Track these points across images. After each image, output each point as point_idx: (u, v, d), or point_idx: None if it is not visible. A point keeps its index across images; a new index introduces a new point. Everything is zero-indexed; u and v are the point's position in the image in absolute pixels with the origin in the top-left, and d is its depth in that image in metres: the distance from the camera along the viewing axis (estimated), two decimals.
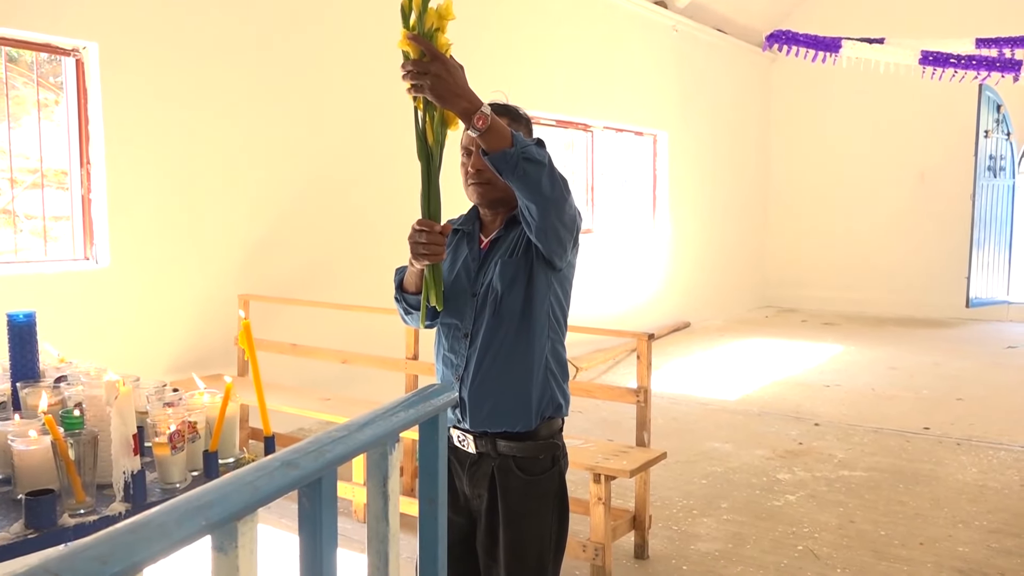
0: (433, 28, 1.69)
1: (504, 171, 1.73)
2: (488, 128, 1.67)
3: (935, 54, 6.81)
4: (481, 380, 1.99)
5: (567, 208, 1.85)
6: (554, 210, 1.82)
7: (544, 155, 1.77)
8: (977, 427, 5.60)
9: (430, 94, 1.66)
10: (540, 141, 1.81)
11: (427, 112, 1.77)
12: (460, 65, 1.69)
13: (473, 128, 1.67)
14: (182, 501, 0.86)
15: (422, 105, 1.76)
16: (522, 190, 1.78)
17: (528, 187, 1.76)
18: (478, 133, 1.67)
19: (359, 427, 1.19)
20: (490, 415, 1.99)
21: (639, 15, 8.70)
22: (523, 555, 1.98)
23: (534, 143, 1.78)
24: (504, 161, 1.71)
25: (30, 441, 1.66)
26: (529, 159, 1.72)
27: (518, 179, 1.74)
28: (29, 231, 4.62)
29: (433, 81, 1.64)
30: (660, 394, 6.40)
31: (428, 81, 1.64)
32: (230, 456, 1.89)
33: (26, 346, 2.09)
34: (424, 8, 1.69)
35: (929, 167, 10.46)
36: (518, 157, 1.71)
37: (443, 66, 1.64)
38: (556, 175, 1.80)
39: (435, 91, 1.65)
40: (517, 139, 1.72)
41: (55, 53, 4.39)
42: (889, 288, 10.80)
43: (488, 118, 1.66)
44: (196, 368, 4.70)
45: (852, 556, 3.58)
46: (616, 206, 8.88)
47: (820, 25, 8.79)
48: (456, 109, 1.67)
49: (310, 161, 5.51)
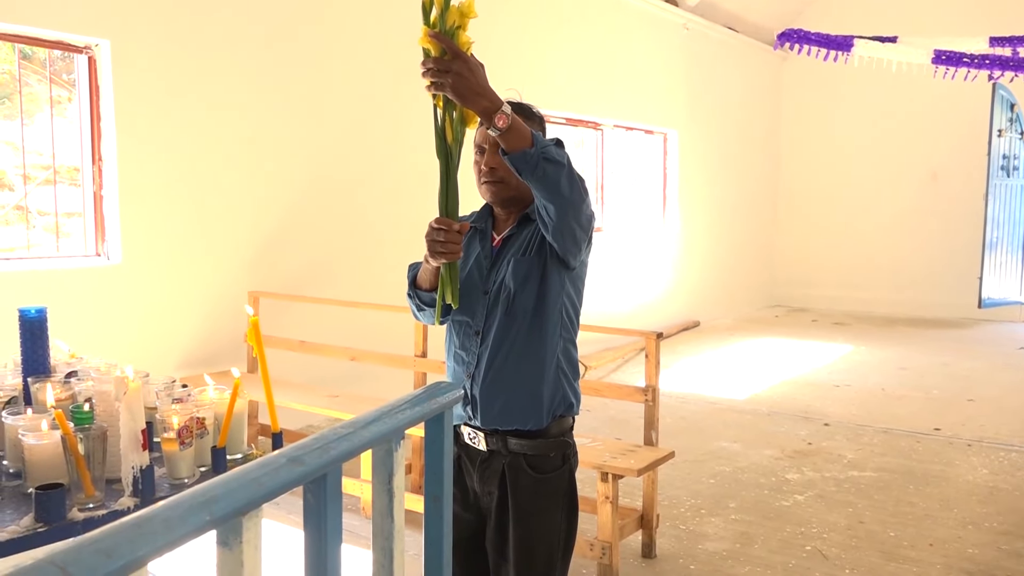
0: (455, 26, 1.69)
1: (524, 171, 1.73)
2: (509, 128, 1.67)
3: (948, 53, 6.75)
4: (492, 378, 1.99)
5: (584, 209, 1.85)
6: (572, 211, 1.82)
7: (563, 155, 1.77)
8: (988, 428, 5.56)
9: (451, 92, 1.65)
10: (559, 141, 1.80)
11: (447, 110, 1.76)
12: (481, 64, 1.69)
13: (493, 127, 1.66)
14: (187, 496, 0.87)
15: (442, 103, 1.75)
16: (541, 190, 1.77)
17: (547, 187, 1.76)
18: (499, 132, 1.67)
19: (364, 424, 1.19)
20: (501, 413, 1.99)
21: (649, 13, 8.68)
22: (533, 553, 1.98)
23: (553, 143, 1.78)
24: (524, 161, 1.71)
25: (41, 435, 1.68)
26: (549, 159, 1.72)
27: (537, 180, 1.74)
28: (42, 227, 4.66)
29: (455, 79, 1.63)
30: (669, 393, 6.39)
31: (449, 79, 1.63)
32: (238, 452, 1.90)
33: (37, 341, 2.10)
34: (446, 5, 1.68)
35: (941, 166, 10.40)
36: (538, 157, 1.71)
37: (465, 64, 1.64)
38: (575, 176, 1.80)
39: (456, 90, 1.65)
40: (537, 139, 1.72)
41: (68, 50, 4.42)
42: (900, 288, 10.74)
43: (509, 118, 1.66)
44: (206, 364, 4.72)
45: (861, 557, 3.57)
46: (626, 205, 8.87)
47: (831, 23, 8.75)
48: (477, 108, 1.67)
49: (320, 158, 5.53)
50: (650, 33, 8.76)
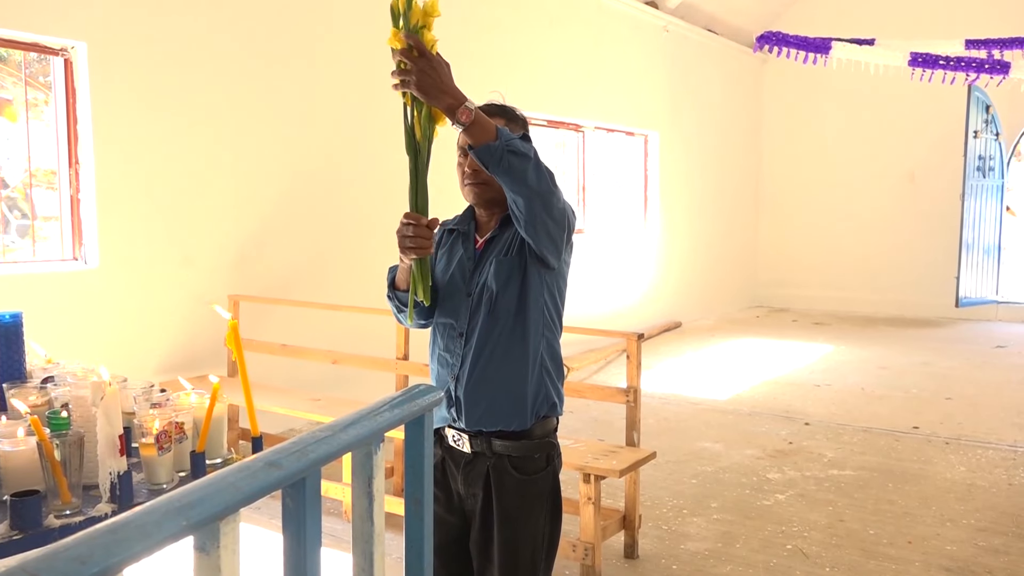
0: (419, 25, 1.71)
1: (489, 164, 1.75)
2: (472, 123, 1.70)
3: (924, 56, 6.83)
4: (477, 379, 1.99)
5: (555, 201, 1.86)
6: (540, 202, 1.83)
7: (529, 148, 1.79)
8: (966, 426, 5.63)
9: (415, 89, 1.69)
10: (525, 136, 1.82)
11: (414, 108, 1.79)
12: (446, 62, 1.71)
13: (457, 123, 1.71)
14: (163, 501, 0.86)
15: (410, 100, 1.78)
16: (508, 183, 1.80)
17: (513, 179, 1.78)
18: (462, 128, 1.71)
19: (343, 427, 1.19)
20: (485, 414, 1.99)
21: (630, 15, 8.72)
22: (517, 555, 1.99)
23: (518, 137, 1.80)
24: (488, 154, 1.74)
25: (16, 442, 1.66)
26: (514, 152, 1.75)
27: (503, 172, 1.76)
28: (17, 231, 4.60)
29: (419, 77, 1.67)
30: (650, 394, 6.41)
31: (413, 77, 1.68)
32: (218, 457, 1.88)
33: (12, 346, 2.08)
34: (409, 5, 1.70)
35: (919, 167, 10.51)
36: (502, 150, 1.73)
37: (428, 62, 1.68)
38: (542, 168, 1.81)
39: (420, 87, 1.69)
40: (501, 133, 1.75)
41: (44, 53, 4.37)
42: (879, 288, 10.85)
43: (472, 112, 1.70)
44: (185, 369, 4.69)
45: (841, 555, 3.60)
46: (607, 206, 8.89)
47: (810, 26, 8.82)
48: (441, 105, 1.71)
49: (299, 160, 5.50)
50: (630, 35, 8.79)
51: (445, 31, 1.74)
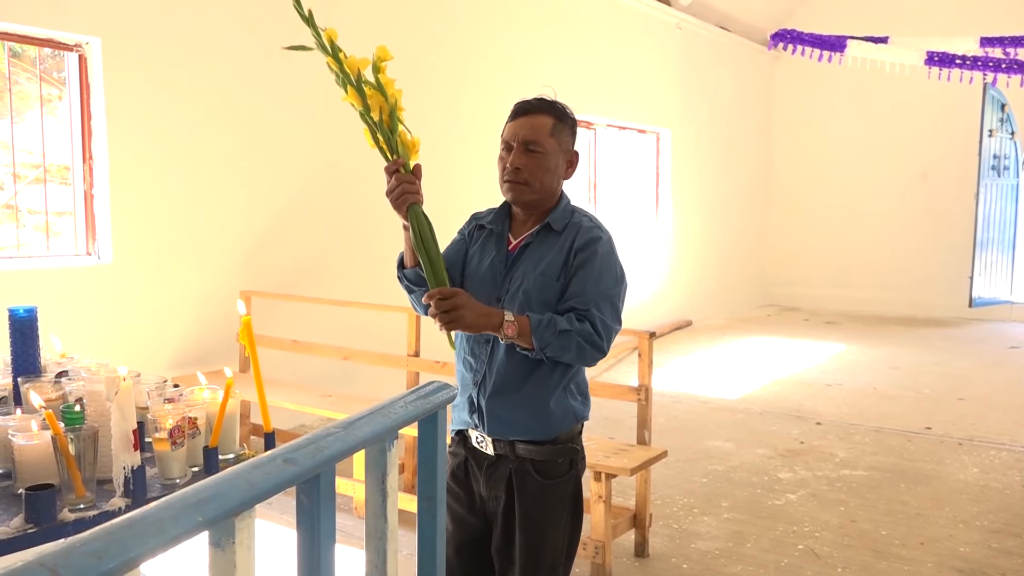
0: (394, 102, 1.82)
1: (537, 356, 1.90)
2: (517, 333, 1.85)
3: (941, 54, 6.78)
4: (500, 389, 1.97)
5: (599, 355, 1.94)
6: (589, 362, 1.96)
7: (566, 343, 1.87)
8: (979, 427, 5.59)
9: (461, 326, 1.84)
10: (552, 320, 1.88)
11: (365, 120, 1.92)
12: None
13: (505, 337, 1.86)
14: (178, 497, 0.86)
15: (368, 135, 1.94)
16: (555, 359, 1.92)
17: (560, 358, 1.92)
18: (509, 340, 1.87)
19: (358, 424, 1.19)
20: (506, 424, 1.97)
21: (642, 12, 8.69)
22: (539, 557, 1.97)
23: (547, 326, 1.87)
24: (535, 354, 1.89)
25: (31, 436, 1.67)
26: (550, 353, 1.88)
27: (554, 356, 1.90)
28: (32, 226, 4.63)
29: (463, 313, 1.81)
30: (661, 392, 6.40)
31: (459, 314, 1.81)
32: (230, 452, 1.89)
33: (27, 341, 2.09)
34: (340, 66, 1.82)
35: (932, 166, 10.44)
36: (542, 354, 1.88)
37: (462, 298, 1.82)
38: (585, 349, 1.90)
39: (464, 322, 1.83)
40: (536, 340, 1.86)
41: (58, 48, 4.39)
42: (891, 287, 10.78)
43: (514, 325, 1.85)
44: (198, 364, 4.70)
45: (853, 555, 3.58)
46: (619, 204, 8.87)
47: (823, 23, 8.78)
48: (487, 329, 1.85)
49: (312, 156, 5.51)
50: (643, 33, 8.76)
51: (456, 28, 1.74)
